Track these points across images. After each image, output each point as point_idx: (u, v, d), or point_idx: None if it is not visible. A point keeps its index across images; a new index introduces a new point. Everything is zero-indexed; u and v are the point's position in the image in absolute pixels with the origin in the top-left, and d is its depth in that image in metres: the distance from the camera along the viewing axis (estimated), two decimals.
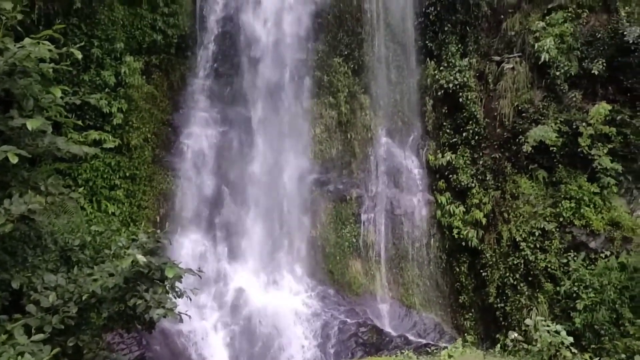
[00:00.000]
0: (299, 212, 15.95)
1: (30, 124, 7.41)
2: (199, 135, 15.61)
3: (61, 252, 8.43)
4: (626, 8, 15.08)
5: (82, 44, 12.03)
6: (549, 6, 16.00)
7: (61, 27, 8.14)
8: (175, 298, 7.09)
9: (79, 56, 8.24)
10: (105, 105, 13.45)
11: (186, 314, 6.85)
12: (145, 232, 7.41)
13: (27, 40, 7.75)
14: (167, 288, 6.98)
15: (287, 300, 15.01)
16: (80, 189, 11.95)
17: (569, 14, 15.56)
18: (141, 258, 6.65)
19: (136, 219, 14.23)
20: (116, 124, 13.86)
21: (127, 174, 14.26)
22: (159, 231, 7.45)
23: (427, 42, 17.24)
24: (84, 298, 6.69)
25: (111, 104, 13.69)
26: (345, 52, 16.76)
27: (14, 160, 7.15)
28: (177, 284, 7.13)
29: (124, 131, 14.14)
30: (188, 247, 14.96)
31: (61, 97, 8.35)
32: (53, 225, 9.81)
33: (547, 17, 15.88)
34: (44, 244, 8.32)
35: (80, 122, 9.21)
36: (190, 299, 7.14)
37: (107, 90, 13.81)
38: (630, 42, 14.50)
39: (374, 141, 16.86)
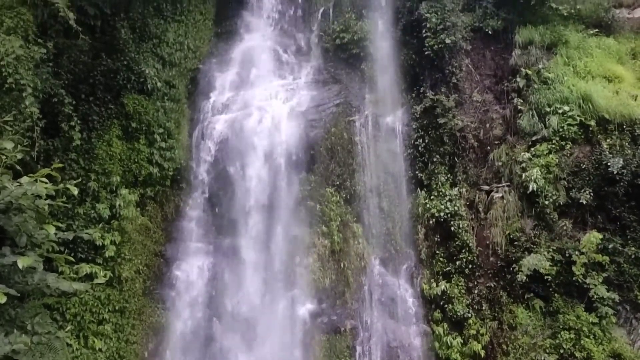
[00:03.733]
0: (291, 345, 15.47)
1: (22, 262, 7.38)
2: (191, 266, 15.54)
3: None
4: (607, 140, 15.64)
5: (79, 180, 12.36)
6: (533, 138, 16.55)
7: (59, 166, 8.33)
8: None
9: (75, 192, 8.36)
10: (99, 238, 13.44)
11: None
12: None
13: (25, 179, 7.89)
14: None
15: None
16: (68, 326, 11.67)
17: (553, 146, 16.07)
18: None
19: (124, 355, 13.74)
20: (108, 256, 13.77)
21: (117, 307, 13.96)
22: None
23: (417, 172, 17.67)
24: None
25: (104, 237, 13.69)
26: (337, 182, 17.11)
27: (3, 299, 7.05)
28: None
29: (116, 263, 14.02)
30: None
31: (55, 233, 8.36)
32: None
33: (532, 149, 16.39)
34: None
35: (72, 257, 9.15)
36: None
37: (101, 223, 13.86)
38: (615, 172, 14.87)
39: (367, 270, 16.72)
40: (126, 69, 15.06)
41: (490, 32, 18.29)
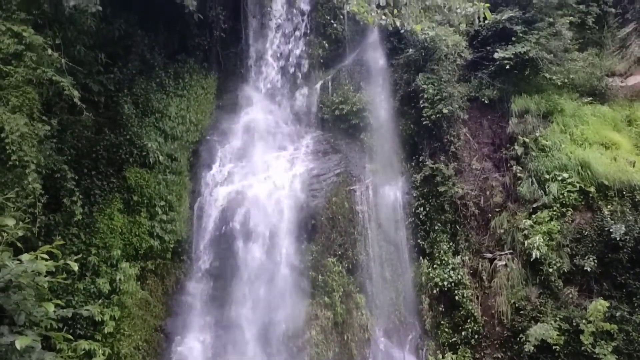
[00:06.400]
0: None
1: (20, 343, 7.22)
2: (192, 341, 15.16)
3: None
4: (608, 206, 15.67)
5: (80, 255, 12.28)
6: (534, 205, 16.61)
7: (60, 243, 8.29)
8: None
9: (76, 268, 8.29)
10: (98, 314, 13.19)
11: None
12: None
13: (25, 256, 7.84)
14: None
15: None
16: None
17: (554, 213, 16.10)
18: None
19: None
20: (107, 332, 13.46)
21: None
22: None
23: (419, 240, 17.63)
24: None
25: (103, 312, 13.43)
26: (339, 252, 16.96)
27: None
28: None
29: (115, 340, 13.68)
30: None
31: (54, 311, 8.23)
32: None
33: (533, 216, 16.42)
34: None
35: (70, 334, 8.96)
36: None
37: (101, 298, 13.65)
38: (618, 239, 14.85)
39: (371, 342, 16.36)
40: (129, 143, 15.22)
41: (486, 102, 18.69)
